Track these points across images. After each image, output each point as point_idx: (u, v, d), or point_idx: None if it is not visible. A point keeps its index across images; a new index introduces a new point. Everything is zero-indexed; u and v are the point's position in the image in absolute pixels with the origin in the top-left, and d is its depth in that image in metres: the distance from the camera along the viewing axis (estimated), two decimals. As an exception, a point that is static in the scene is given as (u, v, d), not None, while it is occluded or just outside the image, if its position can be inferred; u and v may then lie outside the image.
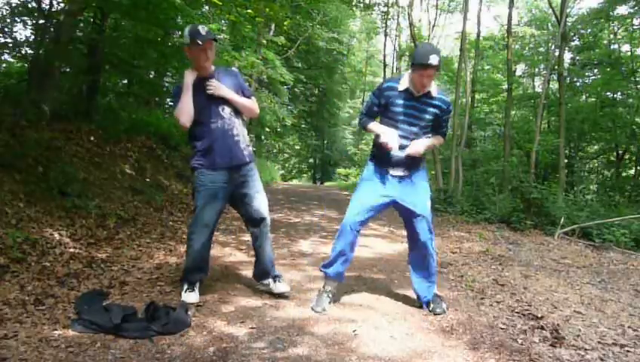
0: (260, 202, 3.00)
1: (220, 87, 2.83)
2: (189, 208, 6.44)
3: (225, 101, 2.85)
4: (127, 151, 6.85)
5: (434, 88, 2.83)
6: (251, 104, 2.99)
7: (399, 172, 2.88)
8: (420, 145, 2.81)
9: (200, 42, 2.71)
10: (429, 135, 2.92)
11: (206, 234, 2.92)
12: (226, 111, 2.87)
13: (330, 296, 2.98)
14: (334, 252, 2.98)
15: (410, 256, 3.07)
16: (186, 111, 2.79)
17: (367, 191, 2.94)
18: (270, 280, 3.12)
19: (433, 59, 2.62)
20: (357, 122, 3.18)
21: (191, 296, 2.89)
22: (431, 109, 2.83)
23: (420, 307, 3.03)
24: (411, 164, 2.88)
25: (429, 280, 3.01)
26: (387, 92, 2.84)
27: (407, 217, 2.94)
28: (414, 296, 3.12)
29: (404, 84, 2.80)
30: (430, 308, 2.97)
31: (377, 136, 2.87)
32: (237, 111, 2.93)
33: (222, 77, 2.91)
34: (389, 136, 2.77)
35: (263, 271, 3.13)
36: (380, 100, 2.86)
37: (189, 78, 2.82)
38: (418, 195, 2.90)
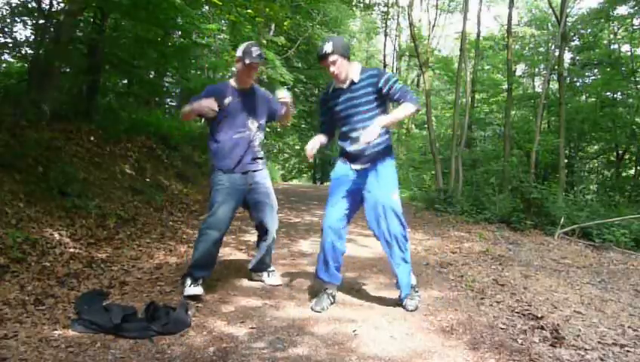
0: (267, 215, 3.21)
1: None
2: (189, 208, 6.44)
3: (255, 116, 3.13)
4: (127, 151, 6.85)
5: (356, 72, 2.86)
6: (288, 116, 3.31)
7: (359, 165, 2.91)
8: (371, 132, 2.64)
9: (247, 62, 2.97)
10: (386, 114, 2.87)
11: (219, 231, 3.02)
12: (254, 124, 3.13)
13: (331, 297, 3.00)
14: (319, 257, 3.02)
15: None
16: (191, 118, 3.33)
17: (336, 187, 3.00)
18: (264, 273, 3.36)
19: (327, 48, 2.77)
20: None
21: (195, 289, 2.95)
22: (362, 91, 2.83)
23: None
24: (372, 155, 2.87)
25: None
26: (324, 98, 3.02)
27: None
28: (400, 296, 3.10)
29: (332, 85, 2.95)
30: (403, 303, 2.97)
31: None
32: (262, 127, 3.22)
33: (259, 94, 3.20)
34: (309, 144, 2.94)
35: (260, 266, 3.34)
36: (323, 109, 3.02)
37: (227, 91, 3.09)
38: (380, 187, 2.85)
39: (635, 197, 12.50)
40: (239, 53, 3.02)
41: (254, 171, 3.16)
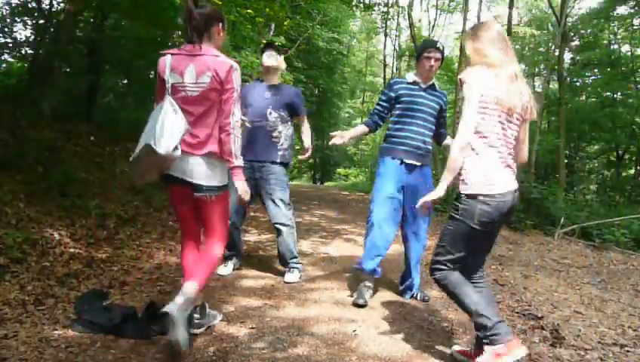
0: (276, 210, 3.34)
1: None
2: (189, 208, 6.43)
3: (275, 107, 3.31)
4: (127, 151, 6.84)
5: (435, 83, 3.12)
6: (307, 129, 3.59)
7: (412, 161, 3.02)
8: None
9: (262, 65, 3.40)
10: (433, 127, 3.09)
11: (235, 216, 3.27)
12: (273, 115, 3.31)
13: (371, 289, 3.10)
14: (365, 249, 3.09)
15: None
16: None
17: (386, 183, 3.02)
18: (286, 269, 3.51)
19: (440, 45, 3.06)
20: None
21: (223, 270, 3.37)
22: (434, 100, 3.08)
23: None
24: (425, 154, 3.07)
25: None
26: (398, 84, 3.11)
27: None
28: (414, 293, 3.23)
29: (411, 77, 3.10)
30: (420, 297, 3.22)
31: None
32: (284, 119, 3.37)
33: (284, 90, 3.43)
34: (343, 133, 3.05)
35: (281, 258, 3.53)
36: (390, 95, 3.09)
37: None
38: (428, 189, 2.62)
39: (635, 197, 12.51)
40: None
41: (269, 163, 3.30)
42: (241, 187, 2.35)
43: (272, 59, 3.35)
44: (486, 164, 1.99)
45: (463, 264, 2.12)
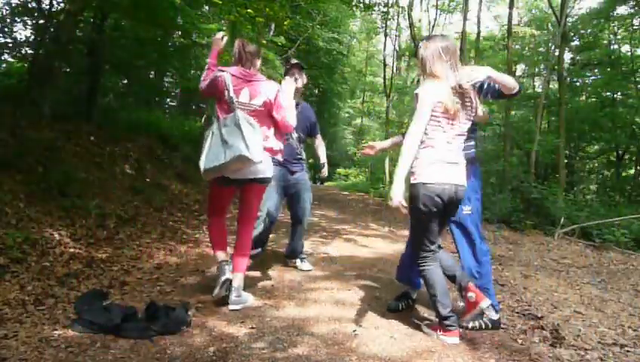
0: (303, 207, 3.75)
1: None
2: (189, 208, 6.44)
3: (297, 129, 3.41)
4: (127, 151, 6.84)
5: None
6: (321, 145, 4.01)
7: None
8: None
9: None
10: None
11: (263, 218, 3.51)
12: (294, 135, 3.65)
13: (410, 300, 3.04)
14: (406, 262, 2.98)
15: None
16: None
17: None
18: (297, 260, 3.88)
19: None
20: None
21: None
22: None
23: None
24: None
25: None
26: None
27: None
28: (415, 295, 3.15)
29: None
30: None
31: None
32: (302, 139, 3.81)
33: (304, 110, 3.74)
34: (375, 144, 3.17)
35: (293, 251, 3.89)
36: None
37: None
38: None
39: (635, 197, 12.51)
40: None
41: (292, 172, 3.67)
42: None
43: (299, 82, 3.50)
44: (428, 160, 2.39)
45: (433, 249, 2.52)
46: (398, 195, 2.32)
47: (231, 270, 2.80)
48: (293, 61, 3.64)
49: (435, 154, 2.38)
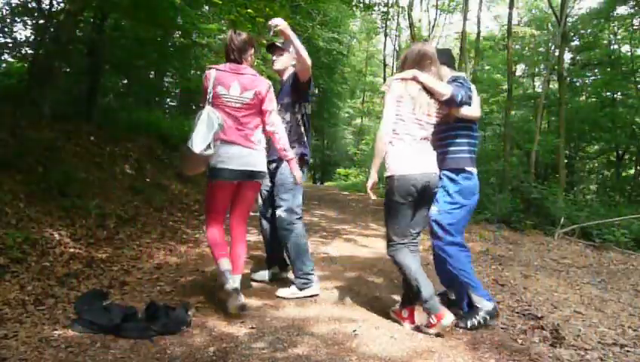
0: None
1: None
2: (189, 208, 6.44)
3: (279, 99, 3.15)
4: (127, 151, 6.84)
5: None
6: None
7: None
8: None
9: None
10: None
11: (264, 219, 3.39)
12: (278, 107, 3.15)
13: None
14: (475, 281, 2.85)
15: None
16: None
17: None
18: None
19: None
20: None
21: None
22: None
23: None
24: None
25: None
26: None
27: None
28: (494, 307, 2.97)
29: None
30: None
31: None
32: (286, 107, 3.19)
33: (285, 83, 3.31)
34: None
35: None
36: None
37: None
38: None
39: (635, 197, 12.51)
40: None
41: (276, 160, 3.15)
42: (298, 174, 2.91)
43: (277, 63, 3.24)
44: (398, 153, 2.56)
45: (406, 235, 2.66)
46: (370, 186, 2.70)
47: (229, 277, 2.68)
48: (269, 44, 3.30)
49: (405, 148, 2.56)
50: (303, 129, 3.18)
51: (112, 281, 3.20)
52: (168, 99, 13.82)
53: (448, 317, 2.48)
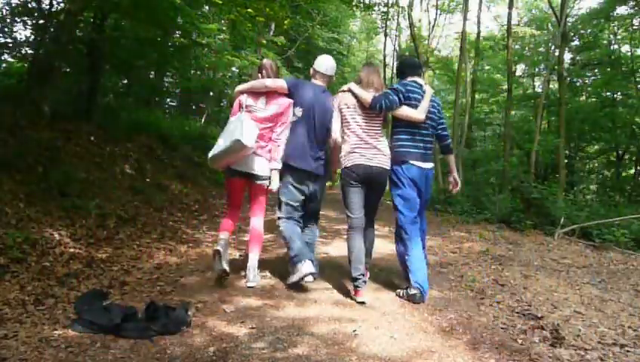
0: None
1: None
2: (189, 208, 6.44)
3: None
4: (127, 151, 6.84)
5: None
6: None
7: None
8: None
9: None
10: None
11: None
12: None
13: None
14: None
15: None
16: None
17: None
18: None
19: None
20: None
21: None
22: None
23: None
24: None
25: None
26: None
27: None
28: (415, 294, 3.15)
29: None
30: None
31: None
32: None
33: None
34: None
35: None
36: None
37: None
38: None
39: (635, 197, 12.51)
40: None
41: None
42: (275, 186, 3.33)
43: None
44: (347, 148, 3.23)
45: (360, 217, 3.24)
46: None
47: (224, 245, 3.24)
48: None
49: (349, 146, 3.21)
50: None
51: (112, 281, 3.20)
52: (168, 99, 13.83)
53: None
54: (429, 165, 3.34)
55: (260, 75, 3.45)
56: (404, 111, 3.23)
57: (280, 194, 3.35)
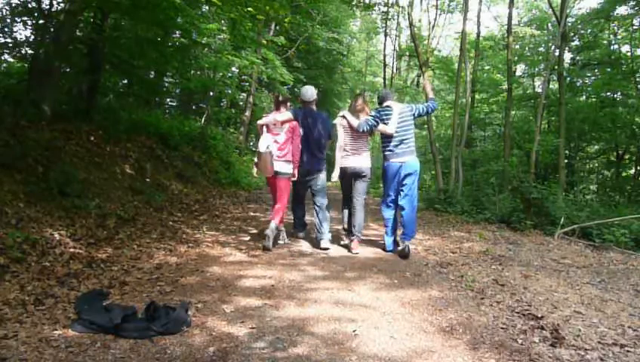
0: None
1: None
2: (189, 208, 6.44)
3: None
4: (127, 151, 6.85)
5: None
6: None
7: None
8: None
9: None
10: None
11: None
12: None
13: None
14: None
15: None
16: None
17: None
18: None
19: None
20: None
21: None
22: None
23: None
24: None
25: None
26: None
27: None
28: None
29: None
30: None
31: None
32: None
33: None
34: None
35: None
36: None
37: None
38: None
39: (635, 197, 12.50)
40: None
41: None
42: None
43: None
44: (339, 155, 4.78)
45: (347, 194, 4.95)
46: (335, 176, 4.87)
47: (274, 230, 4.54)
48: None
49: (344, 154, 4.77)
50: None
51: (112, 281, 3.20)
52: (168, 99, 13.82)
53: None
54: (405, 159, 4.55)
55: (276, 110, 4.79)
56: (380, 129, 4.62)
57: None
